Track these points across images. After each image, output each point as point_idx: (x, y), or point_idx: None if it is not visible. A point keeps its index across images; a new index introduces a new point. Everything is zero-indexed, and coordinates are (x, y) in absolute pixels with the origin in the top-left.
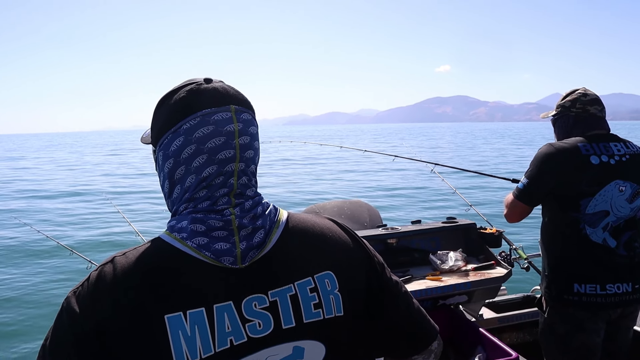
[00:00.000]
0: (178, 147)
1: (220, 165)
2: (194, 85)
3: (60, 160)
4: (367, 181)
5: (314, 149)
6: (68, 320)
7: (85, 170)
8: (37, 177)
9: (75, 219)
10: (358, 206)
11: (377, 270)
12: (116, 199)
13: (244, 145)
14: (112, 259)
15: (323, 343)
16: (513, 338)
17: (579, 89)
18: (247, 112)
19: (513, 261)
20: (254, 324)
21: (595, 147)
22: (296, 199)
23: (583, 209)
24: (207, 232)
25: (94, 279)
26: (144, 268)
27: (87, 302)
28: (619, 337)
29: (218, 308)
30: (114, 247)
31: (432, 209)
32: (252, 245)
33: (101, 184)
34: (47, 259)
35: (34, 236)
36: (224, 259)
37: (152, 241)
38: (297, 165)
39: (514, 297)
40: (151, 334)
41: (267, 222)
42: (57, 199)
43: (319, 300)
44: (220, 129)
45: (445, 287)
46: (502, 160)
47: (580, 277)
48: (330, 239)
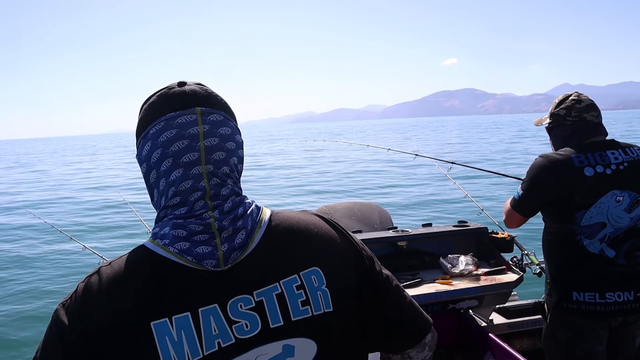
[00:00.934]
0: (147, 151)
1: (185, 169)
2: (165, 89)
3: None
4: (381, 180)
5: (338, 147)
6: (57, 332)
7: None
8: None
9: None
10: (369, 208)
11: (366, 264)
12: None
13: (211, 147)
14: (98, 269)
15: (314, 340)
16: (523, 345)
17: (571, 95)
18: (217, 114)
19: (524, 266)
20: (240, 324)
21: (590, 157)
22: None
23: (578, 222)
24: (189, 237)
25: (81, 291)
26: (128, 277)
27: (74, 314)
28: (623, 346)
29: (203, 312)
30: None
31: (444, 212)
32: (234, 247)
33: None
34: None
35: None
36: (206, 262)
37: (135, 249)
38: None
39: (525, 303)
40: (138, 342)
41: (249, 223)
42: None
43: (306, 297)
44: (183, 132)
45: (455, 291)
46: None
47: (579, 285)
48: (316, 234)
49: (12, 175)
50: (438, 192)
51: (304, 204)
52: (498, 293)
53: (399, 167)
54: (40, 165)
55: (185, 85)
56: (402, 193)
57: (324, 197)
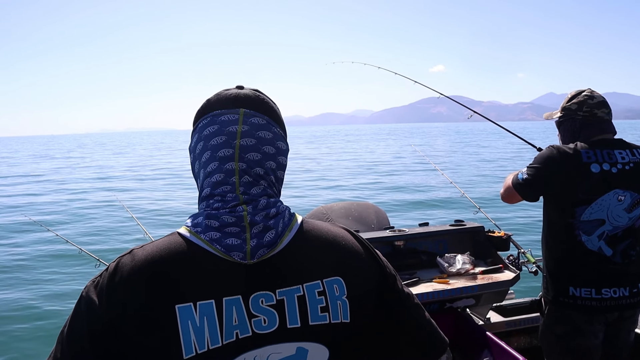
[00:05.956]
0: (194, 143)
1: (220, 162)
2: (224, 90)
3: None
4: (379, 182)
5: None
6: (85, 310)
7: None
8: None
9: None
10: (365, 208)
11: (388, 281)
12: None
13: (246, 146)
14: (130, 251)
15: (327, 347)
16: (520, 342)
17: (584, 91)
18: (260, 117)
19: (521, 265)
20: (259, 319)
21: (598, 154)
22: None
23: (578, 216)
24: (220, 228)
25: (112, 271)
26: (159, 260)
27: (104, 293)
28: (620, 340)
29: (227, 301)
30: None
31: (440, 211)
32: (262, 244)
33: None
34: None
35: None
36: (234, 254)
37: (168, 235)
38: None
39: (522, 301)
40: (162, 323)
41: (280, 224)
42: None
43: (326, 304)
44: (223, 129)
45: (453, 290)
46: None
47: (575, 280)
48: (343, 247)
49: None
50: (434, 191)
51: (303, 205)
52: (495, 291)
53: (399, 167)
54: (27, 166)
55: (242, 89)
56: (400, 192)
57: (322, 198)
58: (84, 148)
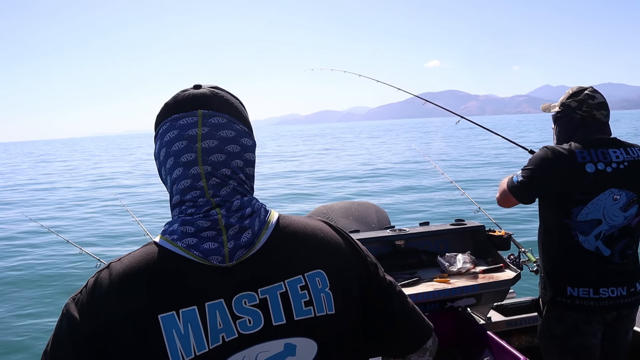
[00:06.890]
0: (157, 150)
1: (185, 168)
2: (180, 91)
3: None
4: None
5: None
6: (67, 327)
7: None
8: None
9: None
10: (366, 207)
11: (370, 270)
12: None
13: (209, 148)
14: (108, 265)
15: (315, 340)
16: (521, 342)
17: (586, 89)
18: (220, 116)
19: (522, 264)
20: (244, 320)
21: (593, 153)
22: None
23: (574, 216)
24: (196, 233)
25: (91, 286)
26: (137, 272)
27: (85, 308)
28: (618, 339)
29: (210, 306)
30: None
31: (441, 210)
32: (240, 245)
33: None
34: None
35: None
36: (212, 257)
37: (145, 245)
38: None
39: (523, 300)
40: (146, 334)
41: (256, 223)
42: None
43: (309, 297)
44: (183, 133)
45: (453, 290)
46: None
47: (573, 280)
48: (322, 239)
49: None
50: (435, 190)
51: (304, 205)
52: (496, 291)
53: (398, 167)
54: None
55: (199, 88)
56: (400, 192)
57: (319, 199)
58: (84, 153)
